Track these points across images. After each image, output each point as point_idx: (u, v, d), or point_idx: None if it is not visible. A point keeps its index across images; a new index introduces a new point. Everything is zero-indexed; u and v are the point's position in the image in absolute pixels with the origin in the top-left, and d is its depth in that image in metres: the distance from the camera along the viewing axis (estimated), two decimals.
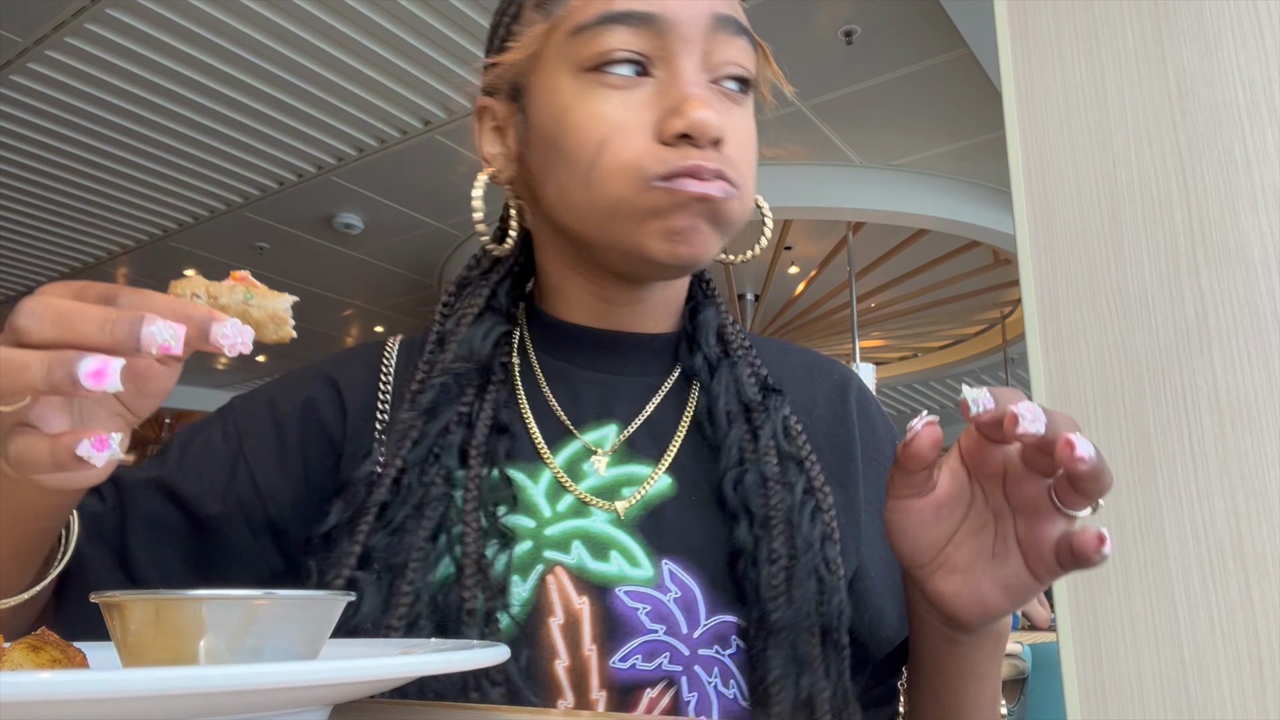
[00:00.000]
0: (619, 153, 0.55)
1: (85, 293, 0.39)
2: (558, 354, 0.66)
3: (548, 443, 0.62)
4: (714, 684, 0.57)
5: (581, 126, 0.56)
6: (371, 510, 0.56)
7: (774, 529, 0.58)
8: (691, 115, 0.54)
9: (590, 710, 0.54)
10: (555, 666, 0.55)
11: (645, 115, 0.56)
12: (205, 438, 0.64)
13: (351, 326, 7.08)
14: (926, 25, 3.21)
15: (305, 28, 3.32)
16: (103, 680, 0.24)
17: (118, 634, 0.37)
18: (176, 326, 0.36)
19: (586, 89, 0.57)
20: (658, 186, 0.55)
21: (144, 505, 0.60)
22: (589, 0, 0.57)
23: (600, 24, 0.56)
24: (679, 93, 0.56)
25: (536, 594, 0.56)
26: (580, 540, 0.58)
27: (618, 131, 0.55)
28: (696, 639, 0.57)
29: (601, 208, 0.57)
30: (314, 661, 0.29)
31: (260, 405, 0.65)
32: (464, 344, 0.62)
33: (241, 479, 0.62)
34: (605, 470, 0.61)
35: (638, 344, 0.66)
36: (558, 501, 0.60)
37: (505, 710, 0.45)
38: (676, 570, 0.58)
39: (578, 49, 0.57)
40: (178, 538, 0.60)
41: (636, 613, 0.57)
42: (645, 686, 0.55)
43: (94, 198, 4.75)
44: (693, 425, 0.64)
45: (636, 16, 0.56)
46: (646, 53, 0.56)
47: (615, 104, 0.56)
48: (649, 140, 0.55)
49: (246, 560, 0.62)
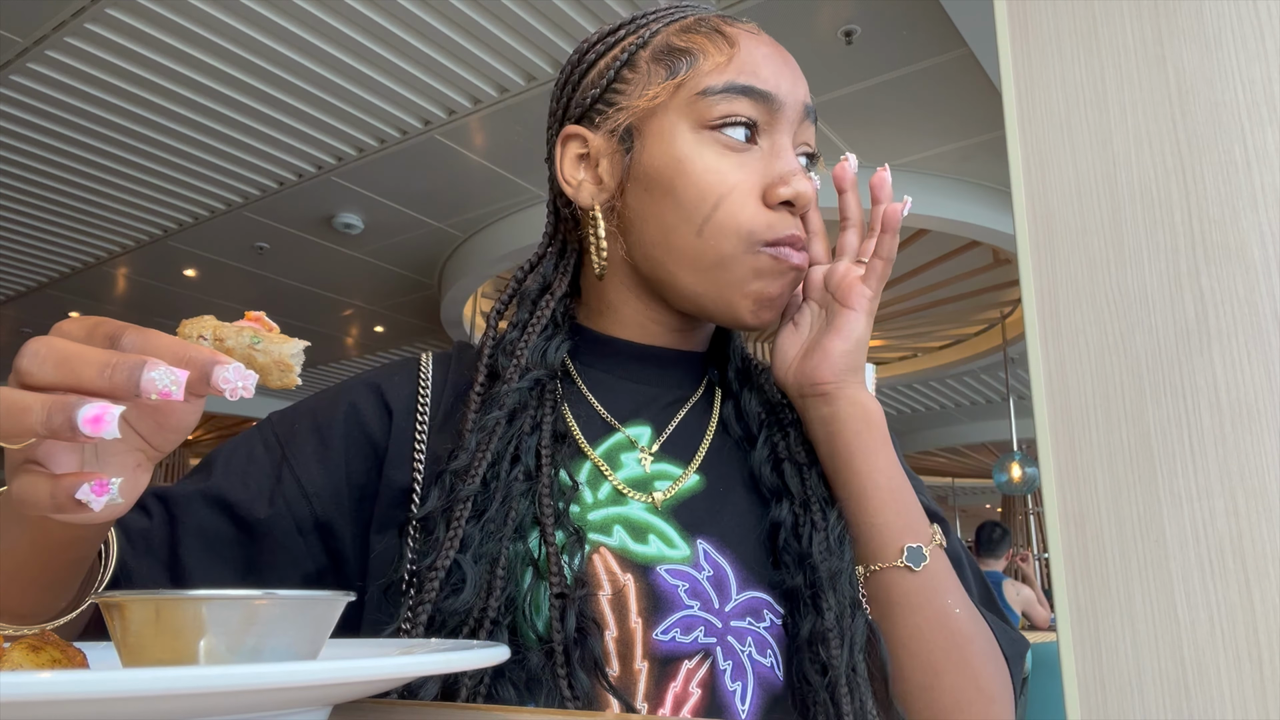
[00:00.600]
0: (735, 213, 0.64)
1: (95, 331, 0.40)
2: (601, 365, 0.73)
3: (588, 438, 0.68)
4: (749, 653, 0.62)
5: (699, 179, 0.65)
6: (466, 502, 0.61)
7: (813, 506, 0.65)
8: (797, 186, 0.64)
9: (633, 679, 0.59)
10: (605, 637, 0.60)
11: (754, 179, 0.65)
12: (247, 450, 0.67)
13: (351, 326, 7.08)
14: (926, 25, 3.21)
15: (305, 28, 3.32)
16: (103, 680, 0.24)
17: (118, 634, 0.37)
18: (178, 372, 0.36)
19: (704, 145, 0.65)
20: (763, 251, 0.64)
21: (193, 517, 0.62)
22: (718, 68, 0.66)
23: (726, 91, 0.65)
24: (786, 164, 0.65)
25: (585, 571, 0.61)
26: (620, 524, 0.64)
27: (734, 191, 0.64)
28: (729, 612, 0.63)
29: (708, 258, 0.65)
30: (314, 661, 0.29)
31: (301, 415, 0.69)
32: (535, 352, 0.68)
33: (287, 481, 0.65)
34: (650, 466, 0.67)
35: (675, 359, 0.74)
36: (598, 490, 0.66)
37: (505, 710, 0.45)
38: (710, 550, 0.65)
39: (702, 109, 0.65)
40: (228, 545, 0.63)
41: (677, 589, 0.62)
42: (684, 658, 0.60)
43: (94, 198, 4.75)
44: (718, 431, 0.72)
45: (758, 93, 0.65)
46: (758, 122, 0.66)
47: (731, 164, 0.65)
48: (757, 203, 0.64)
49: (295, 560, 0.64)
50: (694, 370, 0.75)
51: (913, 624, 0.63)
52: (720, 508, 0.67)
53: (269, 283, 6.02)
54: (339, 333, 7.22)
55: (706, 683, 0.60)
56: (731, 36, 0.67)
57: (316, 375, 8.36)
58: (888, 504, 0.65)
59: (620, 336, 0.73)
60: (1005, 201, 4.45)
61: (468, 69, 3.57)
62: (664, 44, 0.68)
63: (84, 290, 6.18)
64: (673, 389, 0.73)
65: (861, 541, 0.65)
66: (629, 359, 0.72)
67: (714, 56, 0.66)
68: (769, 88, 0.66)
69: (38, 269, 5.80)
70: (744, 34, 0.68)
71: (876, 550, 0.64)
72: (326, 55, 3.48)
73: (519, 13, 3.23)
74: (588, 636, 0.58)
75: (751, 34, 0.69)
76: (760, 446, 0.70)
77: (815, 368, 0.66)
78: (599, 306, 0.73)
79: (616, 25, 0.72)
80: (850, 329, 0.65)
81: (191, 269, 5.81)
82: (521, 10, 3.22)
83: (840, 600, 0.62)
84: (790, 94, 0.67)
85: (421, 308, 6.51)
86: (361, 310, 6.65)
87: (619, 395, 0.71)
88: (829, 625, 0.61)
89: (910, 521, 0.65)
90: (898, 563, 0.63)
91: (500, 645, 0.38)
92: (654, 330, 0.72)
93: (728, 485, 0.69)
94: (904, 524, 0.64)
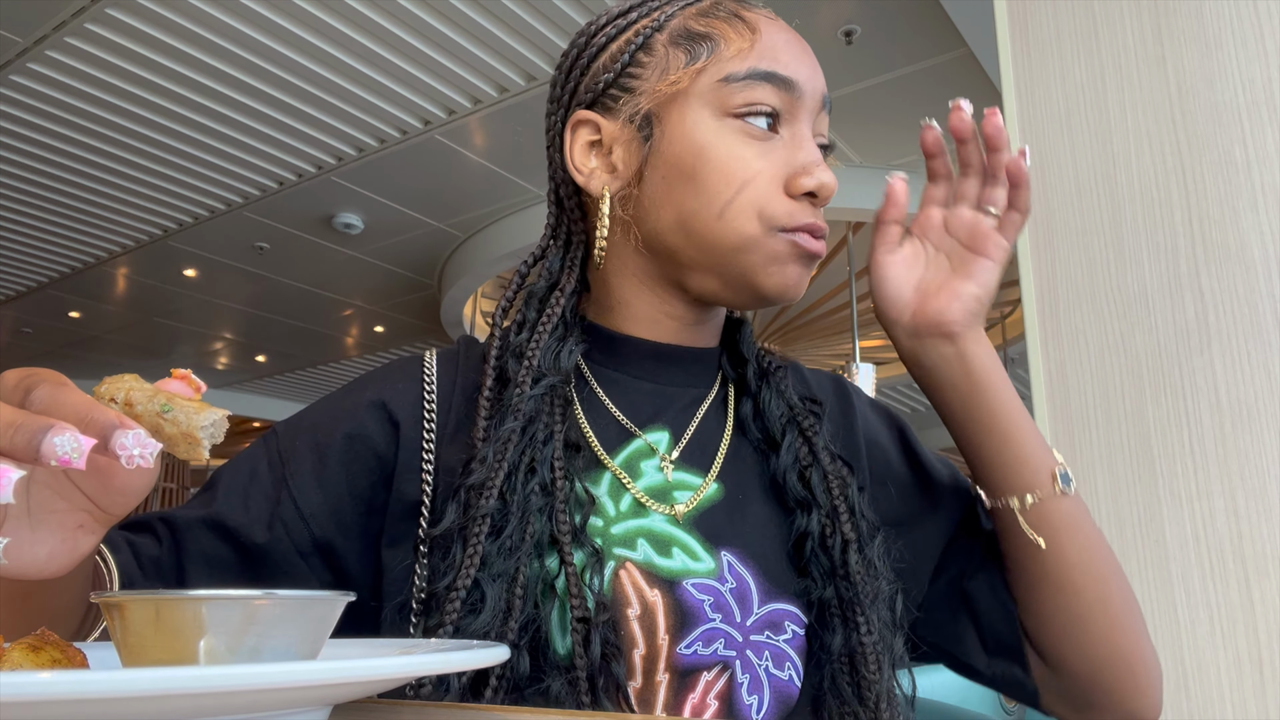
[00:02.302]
0: (756, 198, 0.63)
1: (19, 385, 0.39)
2: (615, 365, 0.70)
3: (606, 447, 0.66)
4: (765, 667, 0.62)
5: (723, 165, 0.64)
6: (484, 520, 0.60)
7: (842, 517, 0.65)
8: (821, 177, 0.64)
9: (653, 690, 0.59)
10: (634, 655, 0.59)
11: (777, 168, 0.64)
12: (250, 469, 0.66)
13: (351, 326, 7.08)
14: (926, 25, 3.21)
15: (305, 28, 3.32)
16: (103, 680, 0.24)
17: (118, 634, 0.37)
18: (82, 439, 0.36)
19: (728, 132, 0.64)
20: (782, 236, 0.64)
21: (197, 544, 0.62)
22: (741, 53, 0.64)
23: (749, 78, 0.64)
24: (808, 155, 0.65)
25: (613, 588, 0.61)
26: (644, 538, 0.63)
27: (757, 178, 0.63)
28: (749, 626, 0.62)
29: (729, 240, 0.64)
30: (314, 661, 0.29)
31: (302, 430, 0.68)
32: (548, 354, 0.66)
33: (284, 503, 0.64)
34: (672, 475, 0.66)
35: (692, 356, 0.72)
36: (619, 501, 0.64)
37: (506, 710, 0.45)
38: (734, 562, 0.64)
39: (725, 96, 0.64)
40: (231, 572, 0.63)
41: (703, 604, 0.61)
42: (703, 670, 0.60)
43: (94, 198, 4.75)
44: (735, 433, 0.70)
45: (781, 79, 0.64)
46: (780, 111, 0.65)
47: (754, 151, 0.64)
48: (779, 191, 0.64)
49: (298, 581, 0.64)
50: (708, 367, 0.73)
51: (1079, 543, 0.65)
52: (741, 516, 0.66)
53: (269, 283, 6.02)
54: (339, 333, 7.22)
55: (724, 695, 0.60)
56: (752, 22, 0.66)
57: (316, 375, 8.36)
58: (1031, 435, 0.66)
59: (633, 334, 0.70)
60: None
61: (468, 69, 3.56)
62: (682, 27, 0.67)
63: (84, 290, 6.18)
64: (689, 388, 0.71)
65: (1013, 473, 0.66)
66: (644, 357, 0.70)
67: (736, 42, 0.65)
68: (791, 74, 0.65)
69: (38, 269, 5.80)
70: (764, 19, 0.67)
71: (1030, 479, 0.65)
72: (326, 55, 3.48)
73: (519, 13, 3.23)
74: (611, 662, 0.57)
75: (770, 19, 0.67)
76: (784, 453, 0.68)
77: (944, 309, 0.65)
78: (609, 303, 0.71)
79: (626, 7, 0.70)
80: (986, 277, 0.65)
81: (191, 269, 5.81)
82: (521, 10, 3.22)
83: (881, 619, 0.62)
84: (810, 81, 0.66)
85: (421, 308, 6.51)
86: (361, 310, 6.65)
87: (635, 398, 0.69)
88: (867, 644, 0.61)
89: (1047, 450, 0.66)
90: (1056, 489, 0.65)
91: (500, 645, 0.38)
92: (668, 326, 0.70)
93: (746, 492, 0.68)
94: (1046, 452, 0.66)
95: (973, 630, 0.70)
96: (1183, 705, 0.91)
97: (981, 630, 0.70)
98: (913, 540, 0.71)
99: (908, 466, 0.75)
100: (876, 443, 0.75)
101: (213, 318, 6.84)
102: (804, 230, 0.64)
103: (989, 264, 0.65)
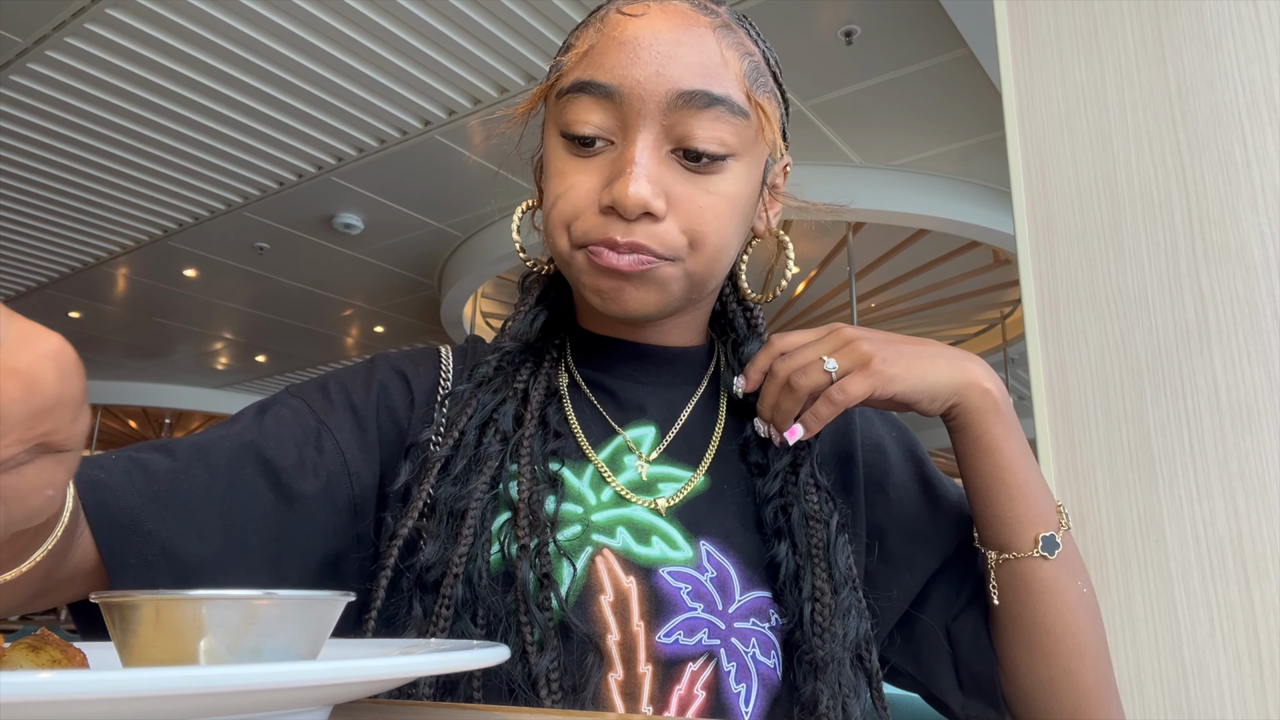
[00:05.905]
0: (564, 215, 0.62)
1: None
2: (597, 365, 0.71)
3: (591, 442, 0.67)
4: (752, 654, 0.62)
5: (549, 182, 0.64)
6: (436, 465, 0.62)
7: (816, 562, 0.63)
8: (616, 191, 0.59)
9: (637, 682, 0.59)
10: (607, 640, 0.59)
11: (594, 181, 0.61)
12: (275, 413, 0.63)
13: (351, 326, 7.08)
14: (926, 25, 3.21)
15: (305, 28, 3.32)
16: (103, 680, 0.24)
17: (118, 634, 0.37)
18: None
19: (558, 148, 0.63)
20: (581, 252, 0.62)
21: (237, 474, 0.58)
22: (573, 66, 0.62)
23: (572, 91, 0.61)
24: (618, 167, 0.60)
25: (588, 574, 0.61)
26: (624, 526, 0.63)
27: (568, 193, 0.62)
28: (733, 614, 0.62)
29: (556, 256, 0.65)
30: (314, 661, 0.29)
31: (330, 389, 0.67)
32: (516, 327, 0.70)
33: (330, 454, 0.62)
34: (646, 475, 0.66)
35: (672, 356, 0.72)
36: (601, 492, 0.65)
37: (506, 710, 0.45)
38: (713, 551, 0.64)
39: (558, 112, 0.63)
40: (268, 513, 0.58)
41: (679, 592, 0.61)
42: (688, 660, 0.60)
43: (94, 198, 4.75)
44: (728, 427, 0.70)
45: (597, 87, 0.60)
46: (607, 124, 0.61)
47: (574, 167, 0.62)
48: (592, 207, 0.61)
49: (325, 537, 0.61)
50: (695, 366, 0.73)
51: (1054, 609, 0.63)
52: (723, 507, 0.66)
53: (269, 283, 6.02)
54: (339, 333, 7.22)
55: (711, 685, 0.60)
56: (610, 22, 0.62)
57: (316, 375, 8.36)
58: (1016, 497, 0.63)
59: (612, 335, 0.71)
60: (1005, 201, 4.45)
61: (468, 69, 3.57)
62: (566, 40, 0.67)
63: (84, 290, 6.18)
64: (673, 386, 0.71)
65: (991, 528, 0.64)
66: (625, 358, 0.71)
67: (577, 50, 0.63)
68: (612, 80, 0.59)
69: (38, 269, 5.80)
70: (616, 18, 0.62)
71: (1008, 539, 0.64)
72: (326, 55, 3.48)
73: (519, 13, 3.23)
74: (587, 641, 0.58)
75: (627, 17, 0.61)
76: (770, 479, 0.67)
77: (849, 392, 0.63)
78: (583, 306, 0.72)
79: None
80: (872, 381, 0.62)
81: (191, 269, 5.81)
82: (521, 10, 3.22)
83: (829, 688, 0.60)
84: (644, 84, 0.59)
85: (421, 308, 6.51)
86: (361, 310, 6.65)
87: (620, 393, 0.70)
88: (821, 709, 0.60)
89: (1041, 510, 0.63)
90: (1033, 553, 0.63)
91: (500, 646, 0.38)
92: (626, 328, 0.71)
93: (731, 484, 0.68)
94: (1034, 515, 0.63)
95: (951, 668, 0.70)
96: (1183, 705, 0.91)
97: (959, 669, 0.70)
98: (907, 550, 0.71)
99: (913, 477, 0.74)
100: (878, 446, 0.74)
101: (213, 318, 6.84)
102: (601, 244, 0.60)
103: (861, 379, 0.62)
